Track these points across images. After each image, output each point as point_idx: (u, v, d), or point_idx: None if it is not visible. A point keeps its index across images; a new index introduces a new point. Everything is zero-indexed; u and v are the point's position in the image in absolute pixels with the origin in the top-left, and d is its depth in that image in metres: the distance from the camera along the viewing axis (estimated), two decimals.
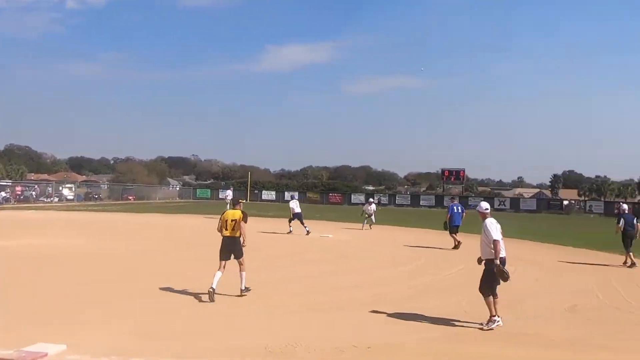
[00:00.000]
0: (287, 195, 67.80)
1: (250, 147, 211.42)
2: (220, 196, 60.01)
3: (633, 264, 16.96)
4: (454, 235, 20.71)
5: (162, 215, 39.14)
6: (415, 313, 9.47)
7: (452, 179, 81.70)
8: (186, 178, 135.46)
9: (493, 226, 8.90)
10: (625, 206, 19.28)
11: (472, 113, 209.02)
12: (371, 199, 33.42)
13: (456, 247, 20.31)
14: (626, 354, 7.64)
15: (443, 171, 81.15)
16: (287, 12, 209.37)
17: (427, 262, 16.70)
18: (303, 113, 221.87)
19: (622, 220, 17.73)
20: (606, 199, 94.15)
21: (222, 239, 10.76)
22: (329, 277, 13.48)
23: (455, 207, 21.47)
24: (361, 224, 29.65)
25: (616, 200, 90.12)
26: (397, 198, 77.22)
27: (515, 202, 73.89)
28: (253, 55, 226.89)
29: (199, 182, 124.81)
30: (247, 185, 74.89)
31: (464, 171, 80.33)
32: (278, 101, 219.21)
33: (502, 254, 8.82)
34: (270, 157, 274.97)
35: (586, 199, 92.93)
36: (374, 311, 9.66)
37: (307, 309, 9.80)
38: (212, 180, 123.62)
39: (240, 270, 10.72)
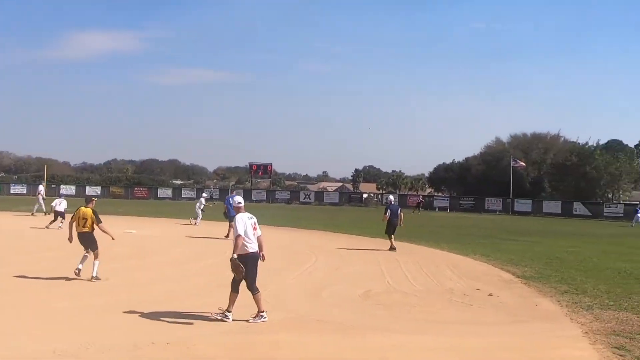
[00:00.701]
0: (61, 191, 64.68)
1: (47, 139, 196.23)
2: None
3: (393, 249, 19.03)
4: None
5: None
6: (209, 308, 9.48)
7: (260, 173, 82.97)
8: None
9: (240, 222, 8.81)
10: (391, 197, 22.32)
11: (280, 108, 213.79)
12: (204, 194, 33.09)
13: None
14: (400, 335, 8.34)
15: (251, 165, 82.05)
16: None
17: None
18: (104, 103, 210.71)
19: (388, 211, 19.75)
20: (401, 192, 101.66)
21: (77, 234, 12.02)
22: (127, 274, 13.08)
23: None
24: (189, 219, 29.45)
25: (409, 193, 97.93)
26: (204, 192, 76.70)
27: (319, 195, 77.00)
28: (50, 41, 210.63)
29: None
30: (44, 179, 69.62)
31: (271, 165, 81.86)
32: (76, 90, 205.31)
33: (251, 249, 8.80)
34: (70, 149, 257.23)
35: (383, 192, 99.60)
36: (170, 307, 9.52)
37: (102, 308, 9.44)
38: (2, 174, 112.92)
39: (94, 259, 11.82)
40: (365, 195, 76.16)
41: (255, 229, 8.94)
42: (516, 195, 64.33)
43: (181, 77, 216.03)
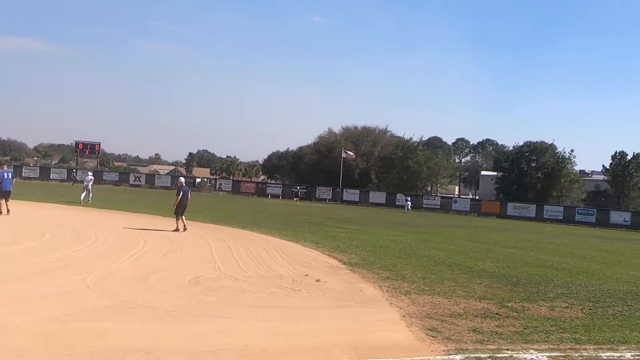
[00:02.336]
0: None
1: None
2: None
3: (181, 229, 19.45)
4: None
5: None
6: (34, 293, 8.88)
7: (87, 153, 78.71)
8: None
9: None
10: (182, 179, 22.86)
11: (112, 86, 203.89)
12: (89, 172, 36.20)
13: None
14: (229, 320, 8.37)
15: (77, 144, 77.41)
16: None
17: (53, 238, 15.81)
18: None
19: (181, 192, 20.30)
20: (234, 178, 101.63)
21: None
22: None
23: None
24: None
25: (243, 179, 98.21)
26: (24, 170, 71.01)
27: (150, 178, 74.69)
28: None
29: None
30: None
31: (99, 145, 77.91)
32: None
33: None
34: None
35: (217, 177, 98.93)
36: None
37: None
38: None
39: None
40: (198, 180, 75.11)
41: None
42: (345, 185, 67.07)
43: (3, 44, 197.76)
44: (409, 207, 55.41)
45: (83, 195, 31.78)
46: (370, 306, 9.99)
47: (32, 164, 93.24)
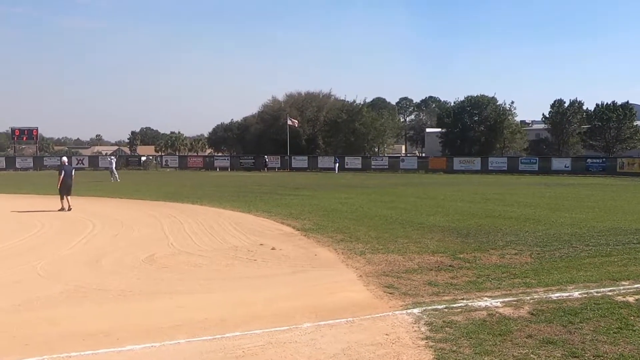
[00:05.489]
0: None
1: None
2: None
3: (66, 209, 19.39)
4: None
5: None
6: None
7: (25, 138, 76.05)
8: None
9: None
10: (65, 159, 23.53)
11: (44, 67, 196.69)
12: (111, 159, 41.43)
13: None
14: (186, 295, 8.35)
15: (13, 130, 74.69)
16: None
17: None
18: None
19: (63, 172, 20.20)
20: (180, 154, 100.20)
21: None
22: None
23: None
24: None
25: (190, 154, 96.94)
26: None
27: (94, 159, 72.79)
28: None
29: None
30: None
31: (37, 129, 75.31)
32: None
33: None
34: None
35: (163, 154, 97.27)
36: None
37: None
38: None
39: None
40: (143, 158, 73.68)
41: None
42: (293, 152, 66.93)
43: None
44: (336, 169, 58.54)
45: (112, 178, 37.79)
46: (326, 269, 10.09)
47: None
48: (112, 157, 39.07)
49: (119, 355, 5.88)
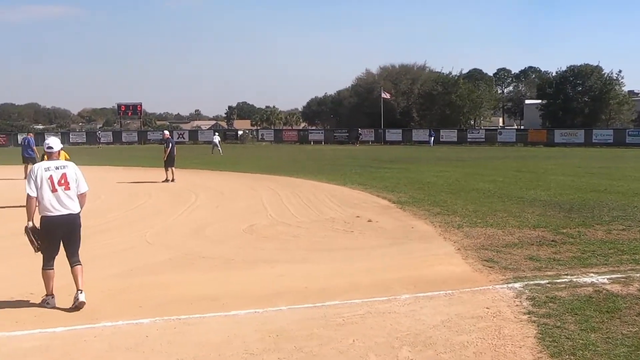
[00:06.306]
0: None
1: None
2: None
3: (170, 180, 20.47)
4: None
5: None
6: (97, 252, 9.09)
7: (130, 114, 79.80)
8: None
9: (32, 177, 6.51)
10: (167, 132, 24.61)
11: (147, 46, 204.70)
12: (215, 134, 47.96)
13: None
14: (286, 264, 8.55)
15: (119, 106, 78.53)
16: None
17: (107, 200, 16.19)
18: None
19: (170, 145, 21.10)
20: (276, 128, 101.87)
21: None
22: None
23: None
24: None
25: (284, 128, 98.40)
26: (71, 136, 72.46)
27: (194, 133, 75.44)
28: None
29: None
30: None
31: (141, 105, 78.78)
32: None
33: (51, 213, 6.47)
34: None
35: (258, 127, 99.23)
36: None
37: None
38: None
39: None
40: (240, 132, 75.54)
41: (64, 183, 6.54)
42: (387, 125, 66.44)
43: (32, 13, 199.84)
44: (432, 142, 58.48)
45: (213, 151, 41.27)
46: (423, 242, 10.05)
47: (78, 130, 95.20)
48: (217, 134, 45.24)
49: (226, 319, 6.15)
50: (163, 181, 20.40)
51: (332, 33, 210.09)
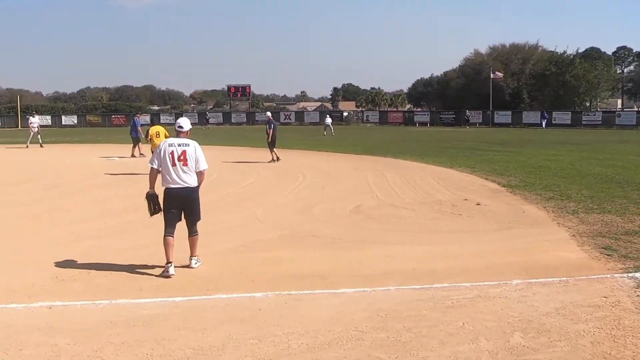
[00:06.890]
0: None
1: (16, 70, 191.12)
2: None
3: (275, 160, 21.08)
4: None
5: None
6: (210, 228, 9.39)
7: (239, 95, 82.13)
8: None
9: (157, 150, 7.26)
10: (269, 113, 24.12)
11: (257, 30, 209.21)
12: (327, 116, 47.36)
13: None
14: (394, 246, 8.54)
15: (229, 88, 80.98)
16: None
17: (220, 177, 16.79)
18: (73, 30, 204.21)
19: (273, 126, 21.39)
20: (381, 109, 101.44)
21: None
22: (119, 202, 13.06)
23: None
24: None
25: (389, 109, 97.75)
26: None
27: (300, 115, 76.71)
28: None
29: None
30: (18, 110, 68.40)
31: (249, 87, 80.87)
32: (43, 18, 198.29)
33: (169, 184, 7.07)
34: (41, 79, 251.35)
35: (363, 109, 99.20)
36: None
37: (89, 235, 9.45)
38: None
39: None
40: (345, 114, 75.91)
41: (183, 159, 7.05)
42: (496, 107, 64.46)
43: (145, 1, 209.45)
44: (544, 124, 56.94)
45: (328, 131, 42.50)
46: (536, 227, 9.72)
47: (190, 111, 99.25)
48: (328, 116, 45.79)
49: (335, 297, 6.26)
50: (269, 161, 20.92)
51: (439, 10, 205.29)
